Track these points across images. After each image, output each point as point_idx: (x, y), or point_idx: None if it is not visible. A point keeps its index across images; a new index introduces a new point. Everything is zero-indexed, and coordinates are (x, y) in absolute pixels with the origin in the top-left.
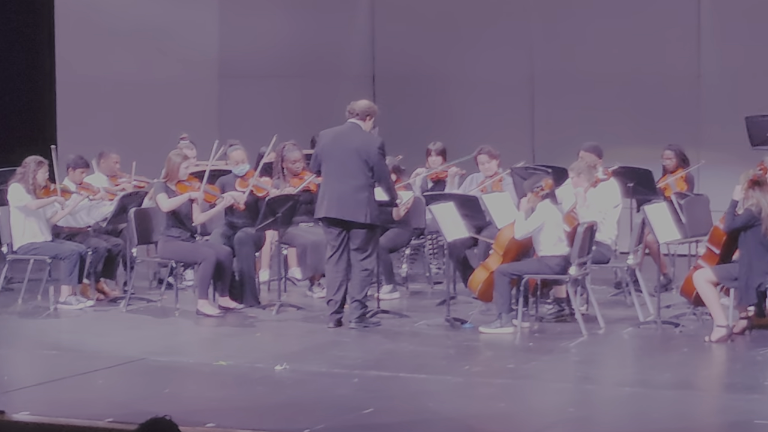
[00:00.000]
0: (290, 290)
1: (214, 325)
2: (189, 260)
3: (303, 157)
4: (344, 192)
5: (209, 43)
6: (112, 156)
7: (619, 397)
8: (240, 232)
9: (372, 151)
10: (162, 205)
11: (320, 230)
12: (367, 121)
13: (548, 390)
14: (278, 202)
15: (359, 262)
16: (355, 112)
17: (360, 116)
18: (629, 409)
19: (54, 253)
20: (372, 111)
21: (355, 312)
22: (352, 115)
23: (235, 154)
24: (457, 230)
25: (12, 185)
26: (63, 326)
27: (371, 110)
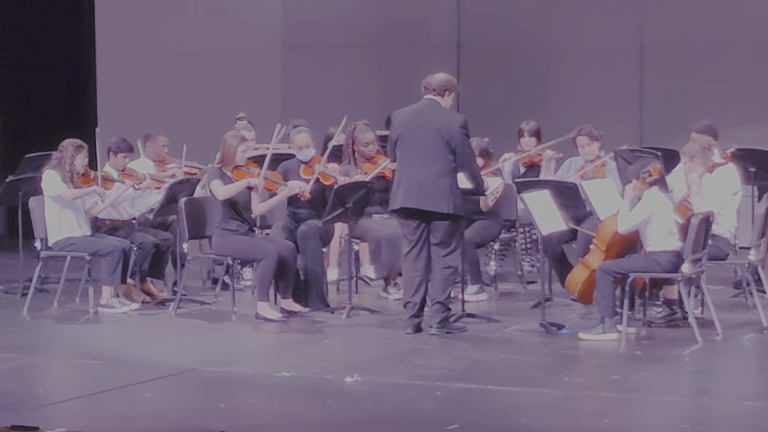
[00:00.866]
0: (362, 291)
1: (276, 330)
2: (247, 257)
3: (377, 139)
4: (423, 178)
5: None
6: (160, 138)
7: (741, 412)
8: (304, 225)
9: (454, 131)
10: (217, 193)
11: (396, 223)
12: (446, 97)
13: (659, 404)
14: (348, 190)
15: (441, 258)
16: (432, 87)
17: (438, 91)
18: (752, 426)
19: (94, 250)
20: (451, 85)
21: (437, 316)
22: (429, 91)
23: (299, 137)
24: (553, 222)
25: (46, 172)
26: (104, 332)
27: (450, 84)
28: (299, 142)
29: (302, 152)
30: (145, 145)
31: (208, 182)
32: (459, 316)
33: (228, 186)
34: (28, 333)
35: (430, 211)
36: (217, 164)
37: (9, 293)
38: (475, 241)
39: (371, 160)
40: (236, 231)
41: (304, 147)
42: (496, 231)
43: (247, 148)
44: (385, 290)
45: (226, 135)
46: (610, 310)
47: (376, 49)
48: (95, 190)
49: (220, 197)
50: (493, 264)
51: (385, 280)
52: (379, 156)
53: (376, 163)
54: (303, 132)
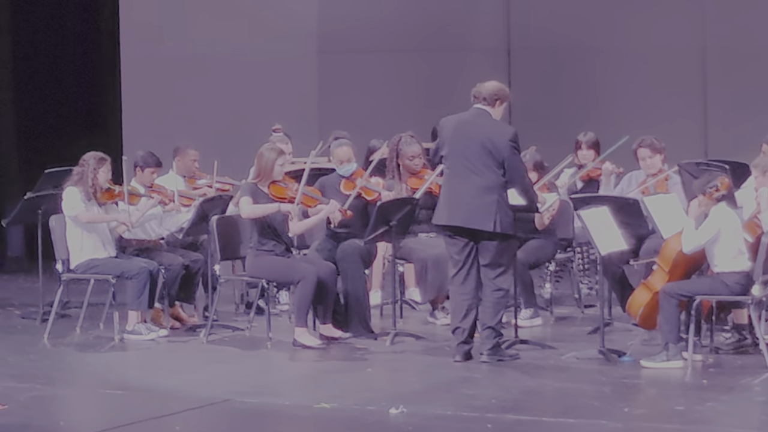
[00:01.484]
0: (408, 316)
1: (314, 358)
2: (284, 279)
3: (423, 152)
4: (468, 194)
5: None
6: (190, 152)
7: None
8: (345, 245)
9: (502, 144)
10: (242, 211)
11: (442, 242)
12: (496, 107)
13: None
14: (392, 207)
15: (491, 280)
16: (482, 96)
17: (488, 101)
18: None
19: (119, 272)
20: (503, 94)
21: (488, 342)
22: (478, 100)
23: (340, 150)
24: (612, 241)
25: (67, 190)
26: (130, 360)
27: (502, 93)
28: (340, 156)
29: (343, 167)
30: (175, 159)
31: (240, 198)
32: (511, 342)
33: (256, 206)
34: (48, 361)
35: (476, 229)
36: (252, 179)
37: (27, 319)
38: (528, 262)
39: (417, 175)
40: (272, 251)
41: (345, 162)
42: (552, 251)
43: (285, 161)
44: (432, 315)
45: (262, 148)
46: (674, 335)
47: (421, 54)
48: (118, 218)
49: (244, 215)
50: (548, 286)
51: (432, 304)
52: (426, 170)
53: (422, 177)
54: (345, 145)
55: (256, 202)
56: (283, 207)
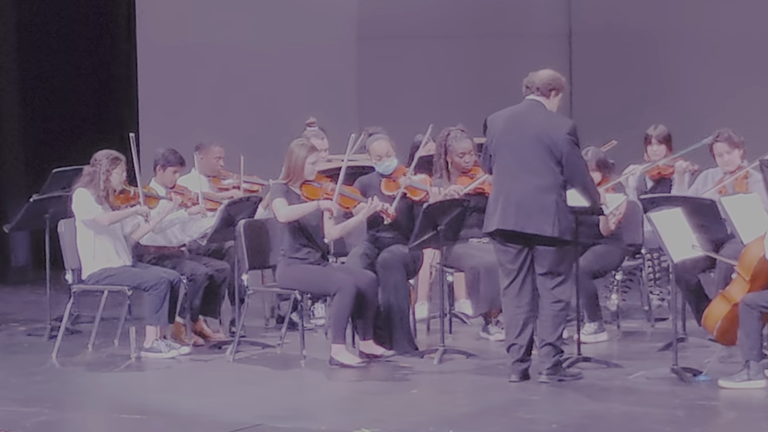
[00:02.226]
0: (458, 331)
1: (353, 378)
2: (319, 290)
3: (474, 148)
4: (522, 195)
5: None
6: (214, 149)
7: None
8: (387, 252)
9: (558, 138)
10: (279, 214)
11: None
12: (551, 98)
13: None
14: (440, 209)
15: (549, 291)
16: (535, 86)
17: (542, 91)
18: None
19: (136, 283)
20: (558, 84)
21: (547, 360)
22: (531, 90)
23: (377, 144)
24: (686, 247)
25: (77, 191)
26: (148, 381)
27: (557, 83)
28: (378, 150)
29: (382, 163)
30: (197, 157)
31: (271, 200)
32: (573, 360)
33: (293, 207)
34: (56, 383)
35: (532, 234)
36: (281, 179)
37: (33, 335)
38: (592, 271)
39: (468, 174)
40: (305, 259)
41: (383, 156)
42: (618, 258)
43: (317, 159)
44: (484, 330)
45: (292, 144)
46: (756, 352)
47: (472, 41)
48: (137, 211)
49: (282, 219)
50: (614, 298)
51: (485, 317)
52: (477, 168)
53: (473, 176)
54: (381, 139)
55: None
56: (323, 203)
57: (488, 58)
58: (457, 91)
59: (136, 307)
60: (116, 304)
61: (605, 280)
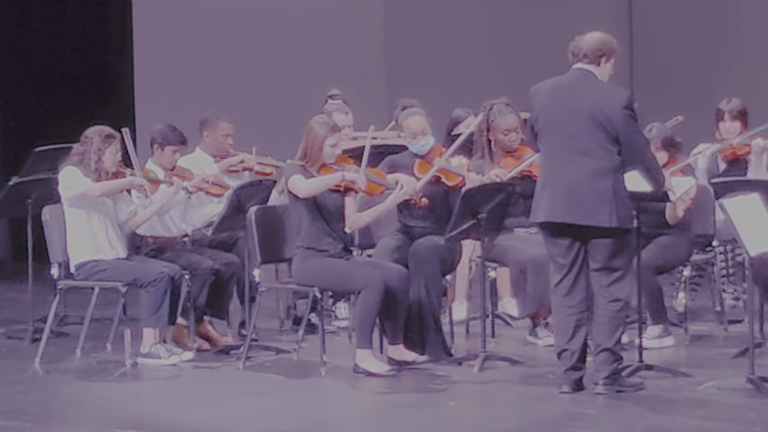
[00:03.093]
0: (501, 334)
1: (381, 388)
2: (342, 288)
3: (521, 124)
4: (573, 181)
5: None
6: (222, 125)
7: None
8: (421, 244)
9: (614, 113)
10: (298, 188)
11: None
12: (602, 65)
13: None
14: (481, 195)
15: (606, 289)
16: (582, 53)
17: (590, 58)
18: None
19: (132, 278)
20: (608, 48)
21: (604, 368)
22: (578, 58)
23: (412, 121)
24: (765, 238)
25: (65, 169)
26: (146, 392)
27: (607, 47)
28: (412, 127)
29: (417, 142)
30: (202, 134)
31: (287, 180)
32: (634, 368)
33: (314, 179)
34: (40, 392)
35: (586, 225)
36: (298, 160)
37: (14, 338)
38: (655, 266)
39: (513, 154)
40: (326, 251)
41: (419, 135)
42: (686, 251)
43: (339, 141)
44: (532, 333)
45: (312, 121)
46: None
47: None
48: (134, 182)
49: (304, 193)
50: (681, 297)
51: (533, 319)
52: (524, 148)
53: (519, 157)
54: (416, 114)
55: None
56: (348, 173)
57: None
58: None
59: (132, 307)
60: (109, 303)
61: (671, 277)
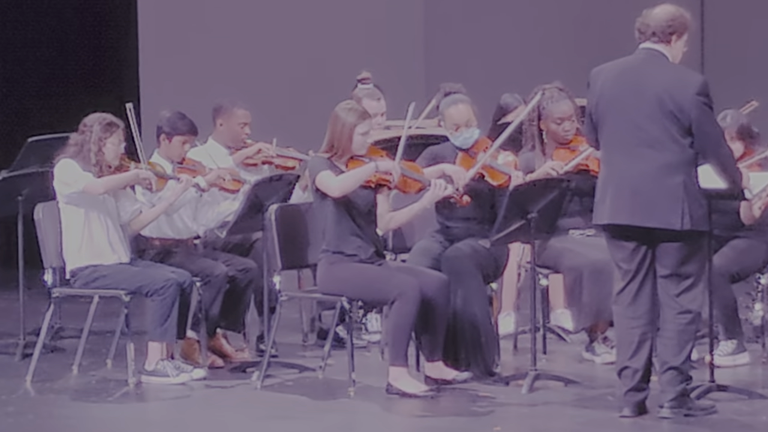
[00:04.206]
0: (554, 350)
1: (418, 411)
2: (373, 297)
3: (577, 113)
4: (639, 177)
5: None
6: (238, 113)
7: None
8: (462, 247)
9: (686, 100)
10: (329, 186)
11: (604, 242)
12: (673, 44)
13: None
14: (531, 193)
15: (675, 299)
16: (650, 30)
17: (659, 36)
18: None
19: (136, 286)
20: (680, 24)
21: (671, 389)
22: (646, 36)
23: (454, 109)
24: None
25: (61, 162)
26: (151, 415)
27: (679, 22)
28: (455, 117)
29: (460, 134)
30: (216, 122)
31: (311, 176)
32: (705, 389)
33: (345, 175)
34: (32, 415)
35: (655, 228)
36: (323, 152)
37: (4, 353)
38: (730, 272)
39: (568, 146)
40: (355, 256)
41: (462, 125)
42: (764, 256)
43: (370, 129)
44: (588, 349)
45: (337, 108)
46: None
47: None
48: (139, 175)
49: (337, 192)
50: (758, 308)
51: (590, 333)
52: (580, 138)
53: (575, 149)
54: (460, 103)
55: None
56: (382, 164)
57: None
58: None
59: (136, 318)
60: (110, 314)
61: (747, 285)
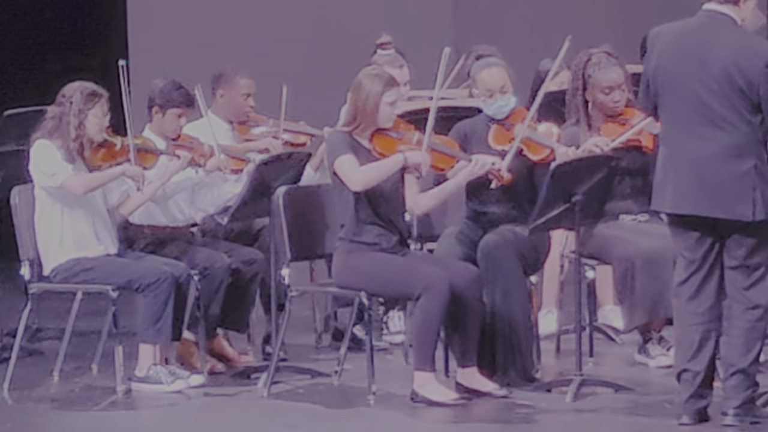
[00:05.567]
0: (602, 351)
1: (447, 421)
2: (395, 292)
3: (628, 80)
4: (703, 161)
5: None
6: (241, 82)
7: None
8: (496, 235)
9: (755, 72)
10: (351, 179)
11: (661, 230)
12: (741, 5)
13: None
14: (576, 171)
15: (743, 293)
16: None
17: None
18: None
19: (125, 280)
20: None
21: (736, 394)
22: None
23: (487, 74)
24: None
25: (37, 143)
26: (143, 425)
27: None
28: (489, 83)
29: (494, 102)
30: (216, 92)
31: (330, 158)
32: None
33: (370, 167)
34: (10, 424)
35: (722, 218)
36: (343, 126)
37: None
38: None
39: (617, 118)
40: (376, 244)
41: (496, 92)
42: None
43: (398, 96)
44: (642, 350)
45: (360, 74)
46: None
47: None
48: (126, 172)
49: (358, 187)
50: None
51: (643, 332)
52: (632, 110)
53: (625, 122)
54: (494, 66)
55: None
56: (411, 156)
57: None
58: None
59: (125, 317)
60: (95, 312)
61: None
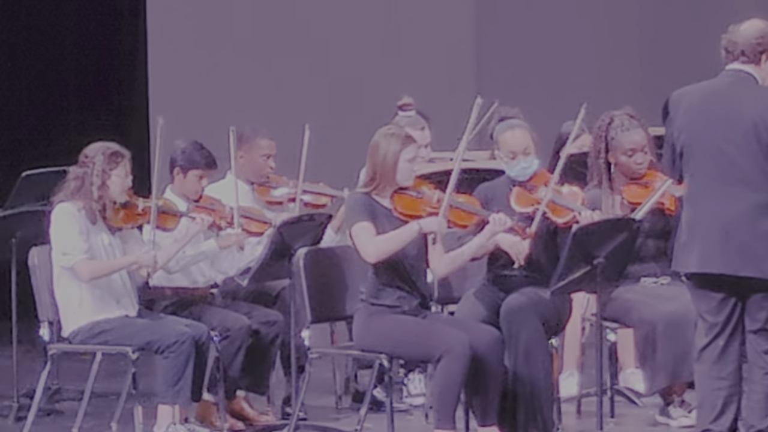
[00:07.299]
0: (623, 413)
1: None
2: (416, 354)
3: (651, 143)
4: (731, 219)
5: None
6: (261, 143)
7: None
8: (517, 298)
9: None
10: (366, 250)
11: (682, 292)
12: (763, 65)
13: None
14: (597, 233)
15: (763, 357)
16: (739, 49)
17: (749, 56)
18: None
19: (144, 341)
20: None
21: None
22: (733, 56)
23: (510, 135)
24: None
25: (58, 208)
26: None
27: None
28: (511, 144)
29: (516, 164)
30: (238, 153)
31: (348, 222)
32: None
33: (385, 237)
34: None
35: (748, 277)
36: (363, 187)
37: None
38: None
39: (639, 181)
40: (397, 307)
41: (519, 153)
42: None
43: (416, 154)
44: (663, 413)
45: (377, 134)
46: None
47: None
48: (140, 261)
49: (371, 258)
50: None
51: (664, 395)
52: (655, 173)
53: (647, 185)
54: (518, 128)
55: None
56: (426, 224)
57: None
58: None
59: (145, 378)
60: (114, 373)
61: None
